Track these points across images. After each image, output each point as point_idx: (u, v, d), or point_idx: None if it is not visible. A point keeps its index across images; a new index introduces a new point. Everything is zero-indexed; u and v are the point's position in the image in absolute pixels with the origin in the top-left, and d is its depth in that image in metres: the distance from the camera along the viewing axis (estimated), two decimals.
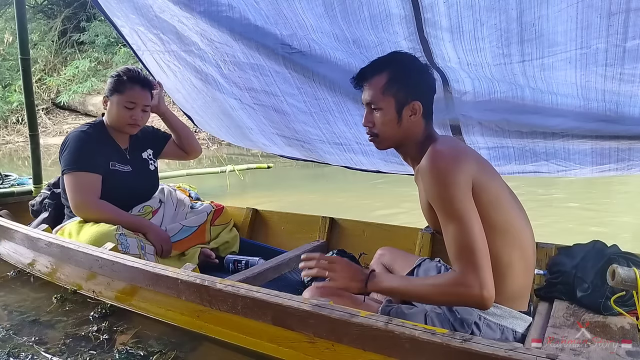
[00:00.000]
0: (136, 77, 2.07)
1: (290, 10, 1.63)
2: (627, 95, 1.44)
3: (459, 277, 1.12)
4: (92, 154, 2.02)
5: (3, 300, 1.98)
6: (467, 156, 1.21)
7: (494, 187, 1.21)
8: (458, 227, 1.14)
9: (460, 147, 1.26)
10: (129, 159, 2.16)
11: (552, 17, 1.28)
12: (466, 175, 1.16)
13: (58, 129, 12.27)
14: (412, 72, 1.31)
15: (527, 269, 1.24)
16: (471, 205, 1.15)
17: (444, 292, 1.14)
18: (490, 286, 1.10)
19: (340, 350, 1.22)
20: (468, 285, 1.10)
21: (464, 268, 1.12)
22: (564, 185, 4.99)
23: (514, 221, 1.21)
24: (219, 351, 1.49)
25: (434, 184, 1.18)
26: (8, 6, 13.47)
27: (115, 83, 2.06)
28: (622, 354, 1.14)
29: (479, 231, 1.13)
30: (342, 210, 4.07)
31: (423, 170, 1.21)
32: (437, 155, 1.19)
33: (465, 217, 1.13)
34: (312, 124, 2.18)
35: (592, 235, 1.62)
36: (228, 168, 5.28)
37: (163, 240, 2.04)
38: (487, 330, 1.21)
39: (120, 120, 2.07)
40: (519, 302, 1.24)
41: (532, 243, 1.27)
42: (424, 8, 1.41)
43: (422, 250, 2.02)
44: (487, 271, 1.11)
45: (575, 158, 1.77)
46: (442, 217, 1.18)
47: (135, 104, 2.05)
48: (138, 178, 2.16)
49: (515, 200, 1.29)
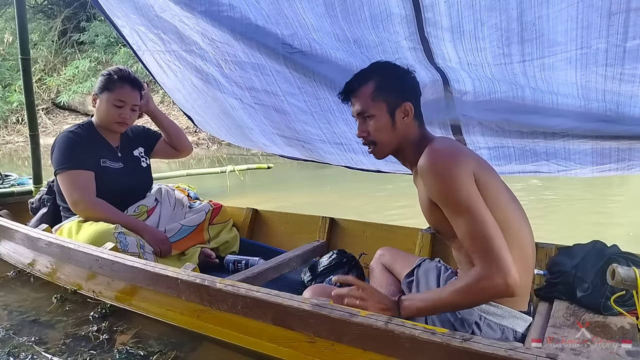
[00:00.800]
0: (127, 76, 2.09)
1: (291, 10, 1.63)
2: (627, 96, 1.44)
3: (480, 272, 1.09)
4: (83, 152, 2.03)
5: (3, 300, 1.98)
6: (466, 153, 1.21)
7: (493, 185, 1.21)
8: (469, 220, 1.12)
9: (458, 145, 1.27)
10: (120, 156, 2.17)
11: (553, 16, 1.28)
12: (467, 169, 1.16)
13: (58, 129, 12.26)
14: (397, 76, 1.34)
15: (527, 268, 1.24)
16: (477, 195, 1.14)
17: (469, 292, 1.11)
18: (512, 272, 1.07)
19: (340, 350, 1.22)
20: (490, 277, 1.08)
21: (483, 260, 1.10)
22: (564, 186, 4.99)
23: (512, 220, 1.21)
24: (219, 351, 1.49)
25: (435, 181, 1.17)
26: (8, 6, 13.49)
27: (106, 81, 2.07)
28: (622, 354, 1.14)
29: (490, 220, 1.12)
30: (341, 210, 4.07)
31: (422, 169, 1.20)
32: (436, 153, 1.20)
33: (473, 208, 1.12)
34: (312, 123, 2.18)
35: (592, 235, 1.61)
36: (228, 168, 5.29)
37: (159, 240, 2.04)
38: (488, 330, 1.21)
39: (108, 118, 2.08)
40: (519, 301, 1.24)
41: (531, 242, 1.27)
42: (425, 8, 1.41)
43: (422, 250, 2.03)
44: (507, 257, 1.08)
45: (576, 158, 1.77)
46: (450, 214, 1.17)
47: (125, 102, 2.07)
48: (130, 175, 2.17)
49: (514, 199, 1.28)
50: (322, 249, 2.24)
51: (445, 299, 1.15)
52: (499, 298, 1.17)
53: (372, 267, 1.72)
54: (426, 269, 1.52)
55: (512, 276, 1.07)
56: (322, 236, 2.31)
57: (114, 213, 2.00)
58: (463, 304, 1.17)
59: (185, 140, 2.41)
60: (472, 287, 1.10)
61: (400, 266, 1.62)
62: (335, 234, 2.31)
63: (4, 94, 12.77)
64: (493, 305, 1.22)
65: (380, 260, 1.70)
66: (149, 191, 2.29)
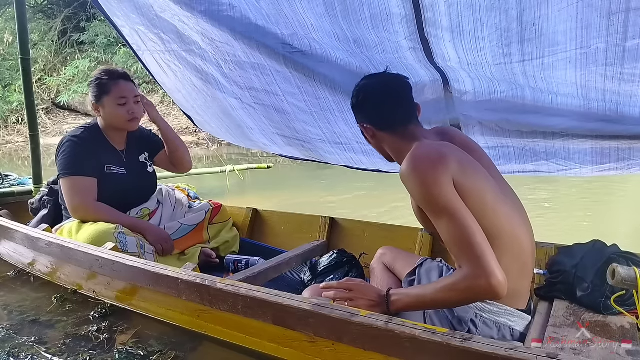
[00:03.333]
0: (115, 72, 2.09)
1: (291, 9, 1.63)
2: (627, 95, 1.44)
3: (464, 272, 1.11)
4: (87, 158, 2.02)
5: (3, 300, 1.98)
6: (446, 157, 1.20)
7: (479, 190, 1.19)
8: (449, 222, 1.14)
9: (439, 149, 1.25)
10: (125, 161, 2.16)
11: (552, 16, 1.28)
12: (446, 174, 1.17)
13: (58, 129, 12.26)
14: (356, 104, 1.43)
15: (523, 269, 1.23)
16: (457, 198, 1.15)
17: (455, 290, 1.13)
18: (496, 272, 1.08)
19: (340, 350, 1.22)
20: (474, 277, 1.09)
21: (466, 261, 1.11)
22: (564, 186, 4.99)
23: (505, 224, 1.20)
24: (219, 351, 1.49)
25: (415, 186, 1.20)
26: (8, 6, 13.48)
27: (99, 86, 2.05)
28: (622, 354, 1.14)
29: (472, 221, 1.13)
30: (342, 210, 4.07)
31: (402, 175, 1.25)
32: (413, 158, 1.22)
33: (453, 210, 1.14)
34: (312, 123, 2.18)
35: (592, 235, 1.61)
36: (228, 168, 5.28)
37: (162, 239, 2.04)
38: (484, 328, 1.22)
39: (119, 119, 2.07)
40: (516, 300, 1.24)
41: (529, 243, 1.26)
42: (425, 7, 1.41)
43: (422, 250, 2.03)
44: (490, 258, 1.09)
45: (576, 157, 1.77)
46: (432, 217, 1.20)
47: (126, 97, 2.06)
48: (135, 180, 2.16)
49: (506, 200, 1.26)
50: (322, 248, 2.24)
51: (432, 295, 1.18)
52: (485, 299, 1.18)
53: (373, 267, 1.72)
54: (428, 268, 1.52)
55: (496, 277, 1.08)
56: (322, 236, 2.31)
57: (115, 215, 2.00)
58: (449, 302, 1.19)
59: (186, 159, 2.34)
60: (457, 286, 1.12)
61: (401, 266, 1.62)
62: (335, 234, 2.31)
63: (4, 94, 12.76)
64: (489, 303, 1.22)
65: (381, 259, 1.70)
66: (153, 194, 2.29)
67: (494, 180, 1.28)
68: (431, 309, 1.27)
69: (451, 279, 1.15)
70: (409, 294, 1.25)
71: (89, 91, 2.12)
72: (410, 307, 1.24)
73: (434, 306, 1.24)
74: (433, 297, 1.18)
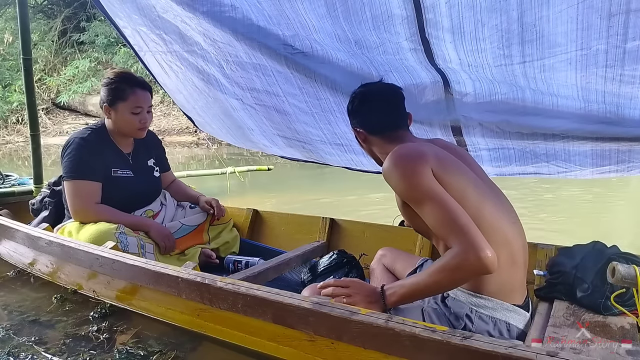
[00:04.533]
0: (133, 80, 2.06)
1: (293, 10, 1.64)
2: (627, 97, 1.45)
3: (453, 251, 1.13)
4: (92, 161, 2.02)
5: (3, 300, 1.98)
6: (424, 153, 1.27)
7: (458, 183, 1.24)
8: (433, 207, 1.18)
9: (417, 148, 1.32)
10: (132, 164, 2.16)
11: (553, 18, 1.29)
12: (425, 166, 1.23)
13: (58, 129, 12.27)
14: (353, 106, 1.47)
15: (512, 260, 1.24)
16: (437, 185, 1.20)
17: (446, 270, 1.14)
18: (483, 246, 1.10)
19: (340, 349, 1.22)
20: (463, 253, 1.11)
21: (454, 239, 1.13)
22: (564, 186, 5.00)
23: (485, 216, 1.21)
24: (219, 350, 1.50)
25: (397, 179, 1.26)
26: (8, 6, 13.49)
27: (115, 91, 2.02)
28: (622, 354, 1.14)
29: (455, 204, 1.17)
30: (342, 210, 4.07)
31: (384, 173, 1.30)
32: (393, 156, 1.29)
33: (435, 195, 1.18)
34: (313, 124, 2.19)
35: (592, 236, 1.62)
36: (228, 170, 5.29)
37: (165, 236, 2.05)
38: (480, 323, 1.22)
39: (130, 127, 2.07)
40: (510, 294, 1.25)
41: (517, 238, 1.27)
42: (426, 9, 1.42)
43: (422, 251, 2.03)
44: (476, 233, 1.11)
45: (576, 159, 1.77)
46: (416, 208, 1.23)
47: (142, 108, 2.05)
48: (140, 183, 2.16)
49: (491, 198, 1.28)
50: (322, 249, 2.24)
51: (425, 281, 1.19)
52: (477, 275, 1.18)
53: (373, 267, 1.73)
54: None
55: (484, 251, 1.09)
56: (322, 237, 2.31)
57: (117, 215, 2.00)
58: (442, 284, 1.19)
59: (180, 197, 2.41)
60: (447, 265, 1.14)
61: (401, 266, 1.62)
62: (335, 235, 2.32)
63: (4, 94, 12.75)
64: (483, 298, 1.23)
65: (381, 260, 1.71)
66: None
67: (480, 180, 1.31)
68: (427, 296, 1.28)
69: (441, 260, 1.17)
70: (403, 284, 1.27)
71: (101, 91, 2.08)
72: (406, 297, 1.25)
73: (429, 292, 1.24)
74: (426, 282, 1.19)
